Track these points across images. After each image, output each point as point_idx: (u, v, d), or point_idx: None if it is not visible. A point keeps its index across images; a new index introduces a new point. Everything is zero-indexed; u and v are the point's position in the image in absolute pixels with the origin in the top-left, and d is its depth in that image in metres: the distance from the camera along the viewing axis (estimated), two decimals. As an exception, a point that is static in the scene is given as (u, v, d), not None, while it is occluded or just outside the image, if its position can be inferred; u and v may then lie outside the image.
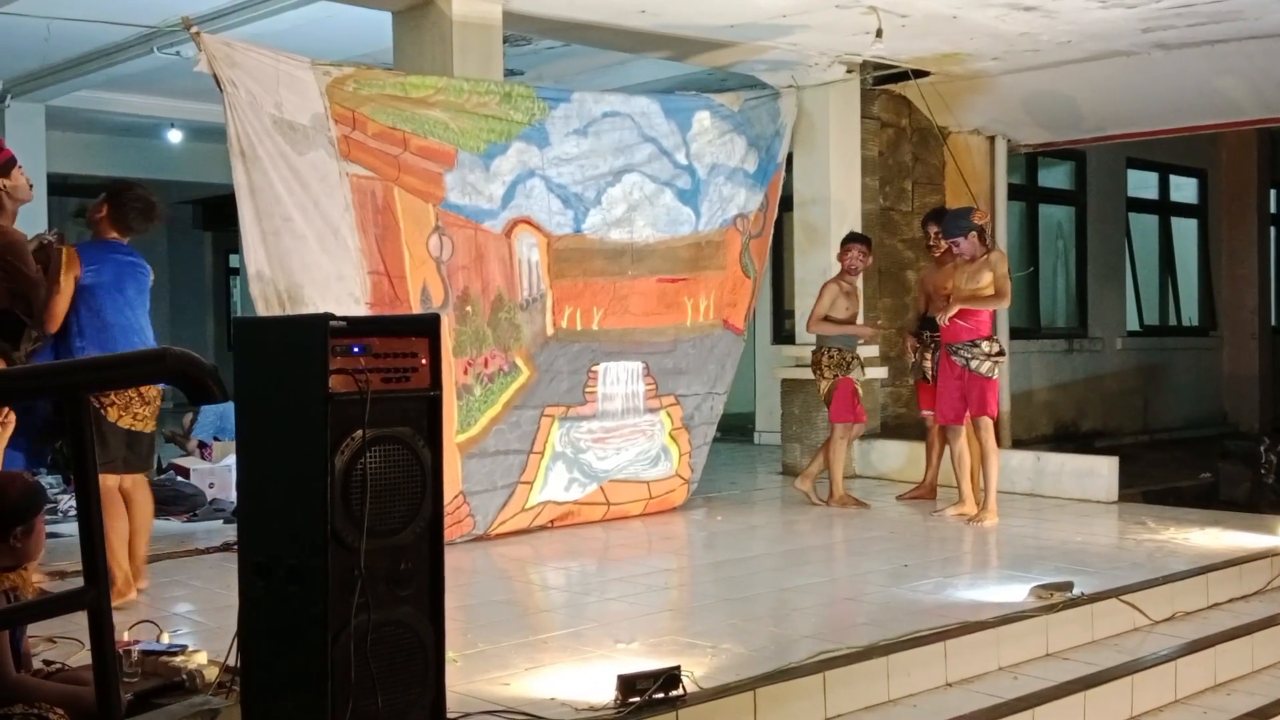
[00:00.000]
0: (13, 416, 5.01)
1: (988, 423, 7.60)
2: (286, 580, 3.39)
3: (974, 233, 7.60)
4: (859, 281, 8.60)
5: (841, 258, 8.34)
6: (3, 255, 5.59)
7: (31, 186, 5.84)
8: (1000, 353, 7.68)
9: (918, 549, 6.97)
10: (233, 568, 5.67)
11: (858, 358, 8.31)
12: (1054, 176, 13.04)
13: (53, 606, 2.89)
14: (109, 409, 5.31)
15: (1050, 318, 13.02)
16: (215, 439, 9.32)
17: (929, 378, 8.19)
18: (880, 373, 9.84)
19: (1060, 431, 12.40)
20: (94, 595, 2.75)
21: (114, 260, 5.56)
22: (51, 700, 3.51)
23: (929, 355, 8.23)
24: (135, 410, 5.38)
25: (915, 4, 7.78)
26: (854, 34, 8.44)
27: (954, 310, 7.54)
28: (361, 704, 3.34)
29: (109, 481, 5.33)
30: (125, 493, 5.51)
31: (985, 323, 7.66)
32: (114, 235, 5.64)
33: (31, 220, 11.36)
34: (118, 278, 5.53)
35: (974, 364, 7.58)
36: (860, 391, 8.30)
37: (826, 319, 8.22)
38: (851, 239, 8.40)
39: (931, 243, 8.30)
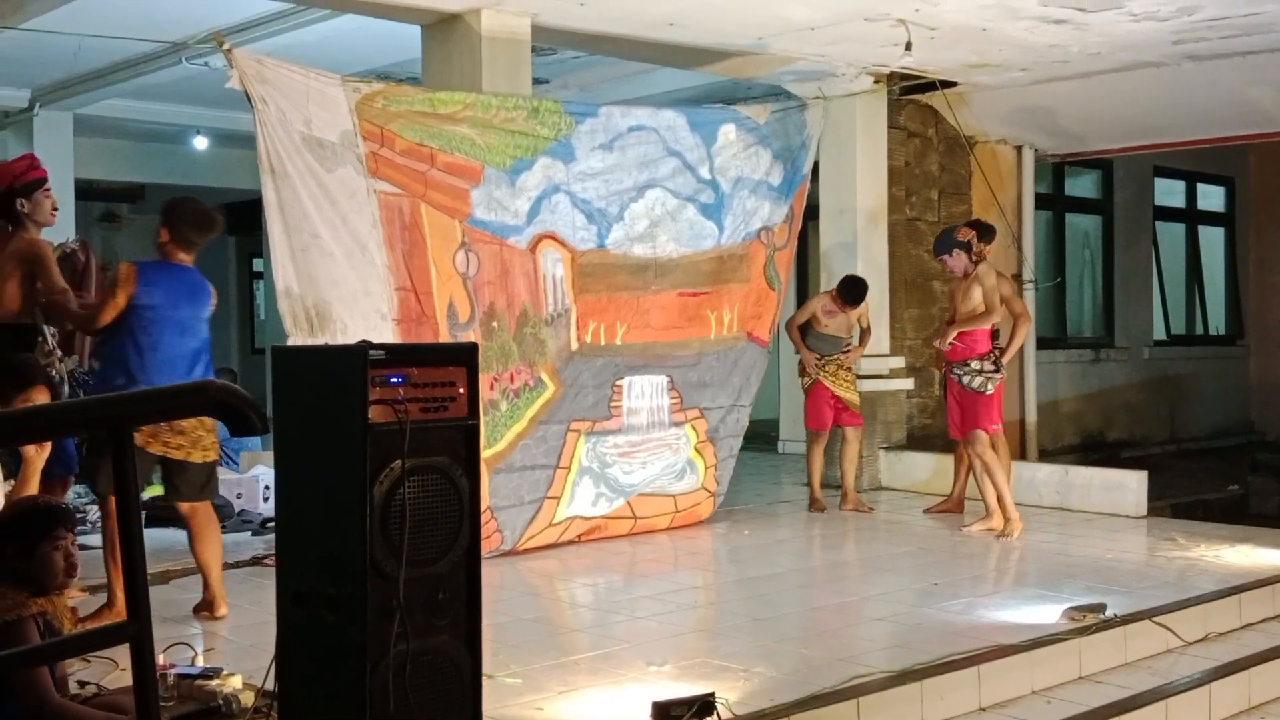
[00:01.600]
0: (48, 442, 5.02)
1: (981, 435, 7.67)
2: (325, 609, 3.40)
3: (960, 249, 7.78)
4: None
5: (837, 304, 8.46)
6: (29, 265, 5.63)
7: (55, 210, 5.88)
8: (996, 369, 7.75)
9: (946, 566, 6.94)
10: (262, 582, 5.72)
11: (839, 364, 8.43)
12: (1081, 185, 12.98)
13: (96, 640, 2.91)
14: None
15: (1077, 327, 12.96)
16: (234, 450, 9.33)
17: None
18: (907, 384, 9.82)
19: (1086, 441, 12.34)
20: (136, 628, 2.76)
21: (171, 282, 5.52)
22: (91, 726, 3.53)
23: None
24: (165, 438, 5.35)
25: (944, 16, 7.75)
26: (882, 45, 8.41)
27: (952, 335, 7.77)
28: (399, 733, 3.34)
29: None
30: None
31: (980, 341, 7.78)
32: (181, 257, 5.57)
33: (59, 225, 11.47)
34: (173, 300, 5.48)
35: (965, 379, 7.75)
36: (840, 396, 8.42)
37: (803, 327, 8.46)
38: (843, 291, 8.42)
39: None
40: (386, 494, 3.35)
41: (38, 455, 4.57)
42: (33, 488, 4.53)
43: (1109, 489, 8.50)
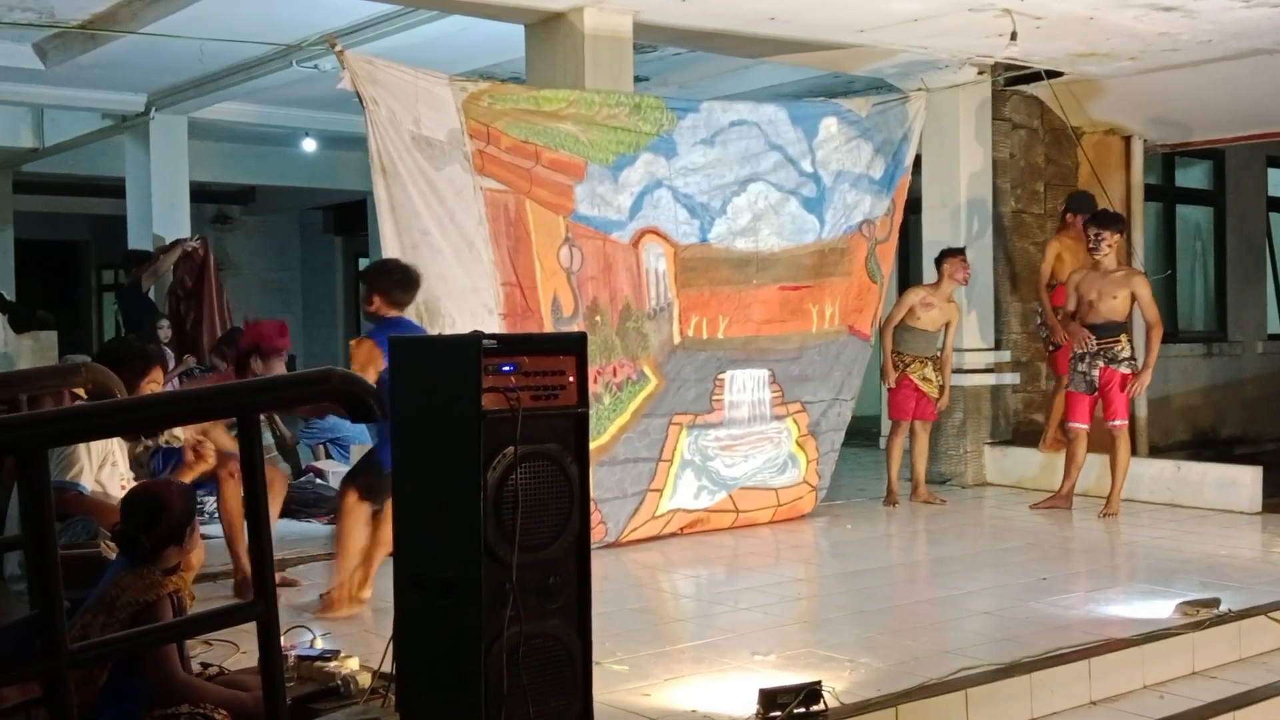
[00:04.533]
0: (213, 455, 5.23)
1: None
2: (441, 593, 3.49)
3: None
4: (961, 294, 8.70)
5: (941, 269, 8.49)
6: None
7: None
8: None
9: (1055, 561, 6.86)
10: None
11: (920, 360, 8.44)
12: (1192, 176, 12.70)
13: (225, 618, 3.03)
14: None
15: (1188, 321, 12.68)
16: (327, 443, 9.55)
17: (1095, 387, 8.05)
18: (1012, 378, 9.71)
19: (1199, 438, 12.07)
20: (263, 608, 2.88)
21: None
22: (215, 702, 3.66)
23: (1098, 364, 8.04)
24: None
25: (1050, 5, 7.65)
26: (986, 36, 8.32)
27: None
28: (514, 714, 3.43)
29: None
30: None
31: None
32: (393, 313, 5.69)
33: (175, 226, 11.86)
34: None
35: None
36: (923, 390, 8.42)
37: (898, 326, 8.48)
38: (950, 252, 8.54)
39: (1092, 245, 8.09)
40: (499, 480, 3.44)
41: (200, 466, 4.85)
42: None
43: (1222, 485, 8.32)
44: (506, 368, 3.50)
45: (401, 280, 5.74)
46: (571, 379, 3.63)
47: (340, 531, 5.61)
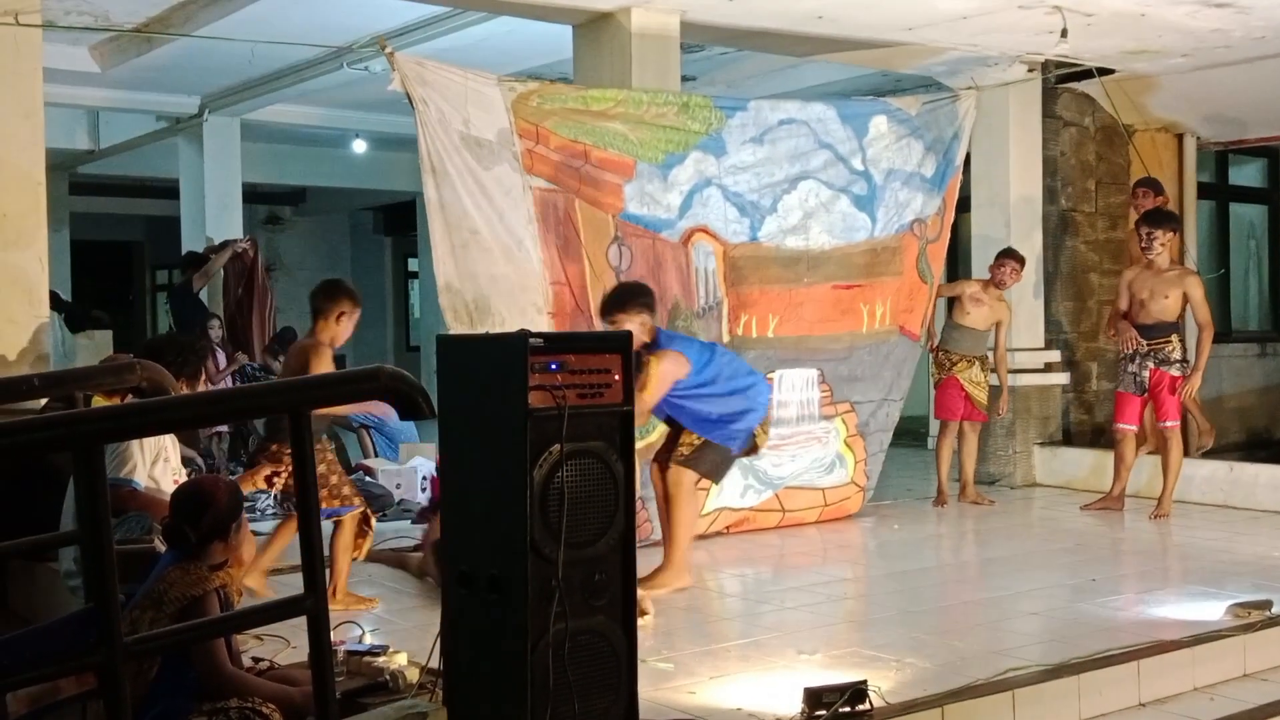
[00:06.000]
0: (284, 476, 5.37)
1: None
2: (488, 589, 3.52)
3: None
4: (1012, 294, 8.65)
5: (994, 270, 8.42)
6: None
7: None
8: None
9: (1105, 563, 6.81)
10: (425, 569, 5.89)
11: (967, 360, 8.38)
12: (1246, 174, 12.54)
13: (275, 612, 3.07)
14: None
15: (1242, 321, 12.53)
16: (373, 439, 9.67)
17: (1145, 388, 7.97)
18: (1062, 378, 9.63)
19: (1253, 439, 11.91)
20: (312, 602, 2.92)
21: (693, 343, 6.08)
22: (264, 696, 3.70)
23: (1148, 365, 7.96)
24: None
25: (1101, 2, 7.58)
26: (1036, 33, 8.27)
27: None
28: (559, 709, 3.45)
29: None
30: None
31: None
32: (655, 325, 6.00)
33: (227, 226, 12.01)
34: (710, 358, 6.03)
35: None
36: (970, 393, 8.37)
37: (946, 324, 8.54)
38: (1008, 254, 8.45)
39: (1144, 245, 8.00)
40: (545, 477, 3.46)
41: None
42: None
43: (1275, 486, 8.21)
44: (553, 366, 3.52)
45: (650, 294, 6.05)
46: (617, 377, 3.65)
47: (676, 512, 6.05)
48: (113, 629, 2.57)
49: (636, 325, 5.71)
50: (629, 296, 5.91)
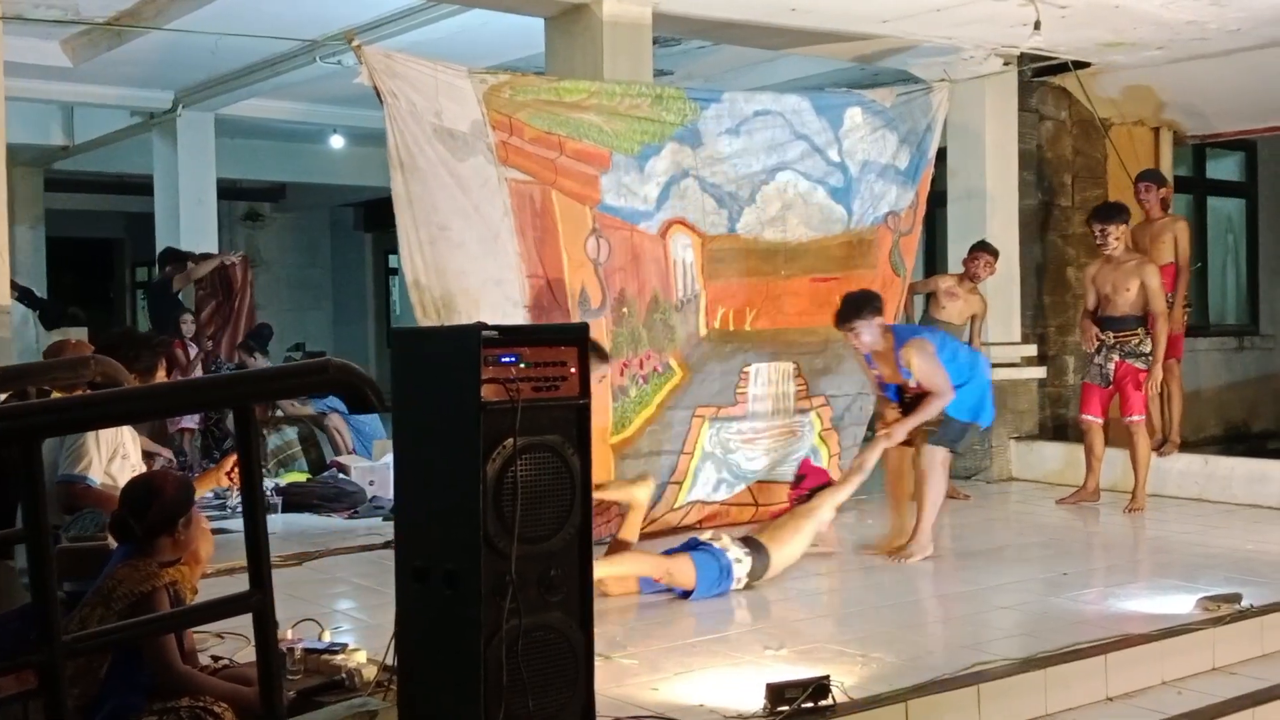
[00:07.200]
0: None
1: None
2: (442, 584, 3.47)
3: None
4: (987, 288, 8.63)
5: (968, 263, 8.42)
6: None
7: None
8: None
9: (1078, 557, 6.78)
10: (391, 565, 5.86)
11: None
12: (1223, 168, 12.54)
13: (219, 610, 3.01)
14: None
15: (1219, 314, 12.52)
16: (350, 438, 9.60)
17: (1109, 380, 7.95)
18: (1039, 373, 9.61)
19: (1230, 433, 11.92)
20: (259, 598, 2.86)
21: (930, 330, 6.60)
22: (216, 695, 3.65)
23: (1113, 357, 7.96)
24: None
25: (1075, -6, 7.57)
26: (1011, 26, 8.24)
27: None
28: (514, 707, 3.41)
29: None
30: None
31: None
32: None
33: (205, 226, 11.91)
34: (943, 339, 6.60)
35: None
36: None
37: (922, 320, 8.57)
38: (981, 247, 8.46)
39: (1099, 241, 8.00)
40: (499, 471, 3.42)
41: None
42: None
43: (1251, 480, 8.21)
44: (507, 359, 3.48)
45: (879, 299, 6.63)
46: (573, 370, 3.60)
47: (926, 488, 6.56)
48: (52, 626, 2.51)
49: (876, 329, 6.31)
50: (864, 303, 6.39)
